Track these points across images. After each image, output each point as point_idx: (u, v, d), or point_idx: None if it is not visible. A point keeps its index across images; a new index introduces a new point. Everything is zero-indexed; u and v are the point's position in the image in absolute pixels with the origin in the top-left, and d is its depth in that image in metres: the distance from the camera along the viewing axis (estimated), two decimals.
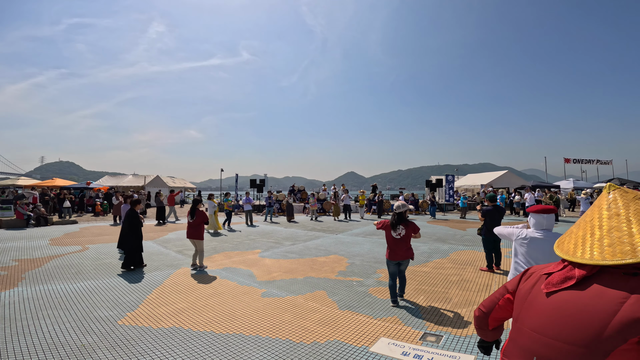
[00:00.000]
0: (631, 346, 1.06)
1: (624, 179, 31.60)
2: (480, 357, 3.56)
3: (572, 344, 1.14)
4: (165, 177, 33.21)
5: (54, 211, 18.79)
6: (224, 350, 3.72)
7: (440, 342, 3.89)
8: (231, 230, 13.40)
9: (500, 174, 27.48)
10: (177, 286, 6.01)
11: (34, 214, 14.79)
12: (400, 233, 5.15)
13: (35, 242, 10.34)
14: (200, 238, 7.32)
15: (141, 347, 3.75)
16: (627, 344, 1.05)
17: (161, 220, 15.49)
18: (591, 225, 1.30)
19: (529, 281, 1.43)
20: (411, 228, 5.22)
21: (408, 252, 5.20)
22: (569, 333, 1.15)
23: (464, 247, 9.50)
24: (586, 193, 15.00)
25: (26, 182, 26.86)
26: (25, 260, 7.91)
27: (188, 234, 7.44)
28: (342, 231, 13.12)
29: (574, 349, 1.13)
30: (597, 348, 1.09)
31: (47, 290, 5.69)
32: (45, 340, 3.88)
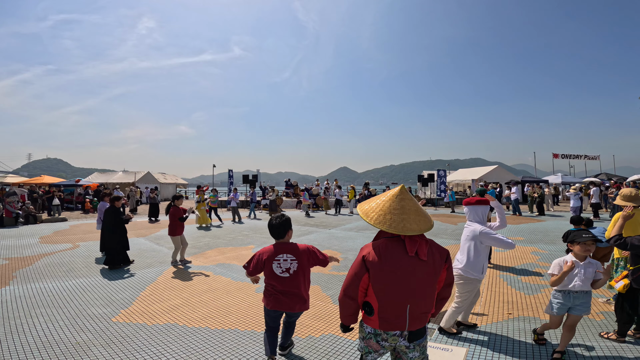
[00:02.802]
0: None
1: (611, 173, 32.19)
2: (472, 350, 3.64)
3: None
4: (156, 174, 32.92)
5: (42, 209, 18.54)
6: (219, 345, 3.75)
7: (432, 335, 3.97)
8: (217, 227, 13.35)
9: (490, 168, 27.78)
10: (170, 283, 6.01)
11: (22, 212, 14.58)
12: None
13: (25, 240, 10.21)
14: (171, 234, 7.37)
15: (136, 344, 3.76)
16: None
17: (153, 217, 15.39)
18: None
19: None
20: None
21: None
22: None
23: (456, 242, 9.63)
24: (575, 188, 15.26)
25: (14, 180, 26.41)
26: (15, 258, 7.82)
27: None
28: (335, 226, 13.18)
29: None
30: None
31: (39, 289, 5.65)
32: (40, 339, 3.87)
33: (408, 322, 2.13)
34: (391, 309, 2.13)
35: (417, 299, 2.13)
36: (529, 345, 3.67)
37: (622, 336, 3.69)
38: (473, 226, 3.86)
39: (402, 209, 2.17)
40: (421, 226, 2.13)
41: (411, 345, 2.18)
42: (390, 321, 2.14)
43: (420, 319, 2.17)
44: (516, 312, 4.58)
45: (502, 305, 4.87)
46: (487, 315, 4.53)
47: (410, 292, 2.11)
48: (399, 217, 2.14)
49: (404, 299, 2.11)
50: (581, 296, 3.32)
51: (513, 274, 6.35)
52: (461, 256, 3.90)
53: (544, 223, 13.26)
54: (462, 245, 3.94)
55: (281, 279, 3.19)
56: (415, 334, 2.18)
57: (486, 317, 4.44)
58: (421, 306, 2.15)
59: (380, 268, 2.11)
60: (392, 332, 2.17)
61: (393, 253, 2.12)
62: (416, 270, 2.11)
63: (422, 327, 2.21)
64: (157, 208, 15.65)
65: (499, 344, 3.73)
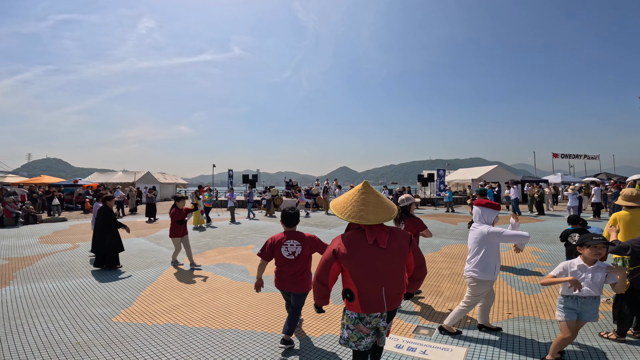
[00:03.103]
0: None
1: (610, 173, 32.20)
2: (472, 350, 3.65)
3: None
4: (156, 173, 32.90)
5: (42, 209, 18.54)
6: (219, 345, 3.75)
7: (432, 335, 3.97)
8: (213, 227, 13.27)
9: (490, 168, 27.79)
10: (170, 283, 6.01)
11: (22, 212, 14.58)
12: (402, 227, 4.98)
13: (25, 240, 10.21)
14: (170, 235, 7.28)
15: (136, 344, 3.77)
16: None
17: (151, 217, 15.36)
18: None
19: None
20: (414, 224, 4.93)
21: None
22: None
23: (455, 241, 9.64)
24: (573, 188, 15.27)
25: (13, 180, 26.41)
26: (15, 258, 7.83)
27: None
28: (335, 226, 13.19)
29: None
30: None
31: (40, 289, 5.65)
32: (40, 339, 3.87)
33: (386, 303, 2.41)
34: (369, 293, 2.39)
35: (388, 281, 2.40)
36: (529, 345, 3.68)
37: (622, 336, 3.70)
38: (480, 227, 3.83)
39: (362, 201, 2.46)
40: (378, 217, 2.41)
41: (387, 324, 2.52)
42: (370, 304, 2.39)
43: (395, 299, 2.45)
44: (516, 312, 4.58)
45: (502, 305, 4.87)
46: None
47: (381, 276, 2.38)
48: (357, 209, 2.43)
49: (377, 282, 2.39)
50: (589, 302, 3.16)
51: (513, 274, 6.36)
52: (471, 258, 3.84)
53: (543, 223, 13.26)
54: (471, 247, 3.90)
55: (288, 261, 3.69)
56: (391, 314, 2.53)
57: None
58: (394, 288, 2.43)
59: (350, 256, 2.39)
60: (374, 315, 2.43)
61: (358, 242, 2.41)
62: (380, 256, 2.39)
63: (398, 305, 2.50)
64: (155, 208, 15.63)
65: (499, 343, 3.73)
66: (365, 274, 2.37)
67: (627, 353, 3.46)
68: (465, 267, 3.92)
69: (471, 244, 3.91)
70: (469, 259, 3.90)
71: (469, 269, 3.82)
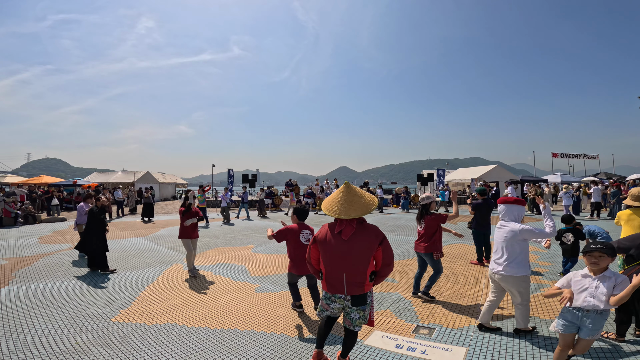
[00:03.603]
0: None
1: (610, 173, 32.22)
2: (471, 349, 3.64)
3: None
4: (155, 173, 32.87)
5: (42, 209, 18.52)
6: (219, 345, 3.75)
7: (432, 335, 3.97)
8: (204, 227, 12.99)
9: (490, 168, 27.79)
10: (170, 282, 6.01)
11: (22, 212, 14.56)
12: (422, 226, 5.11)
13: (24, 241, 10.19)
14: (180, 236, 6.69)
15: (136, 344, 3.76)
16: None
17: (148, 217, 15.30)
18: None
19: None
20: (435, 220, 5.01)
21: (428, 247, 4.97)
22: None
23: (455, 241, 9.64)
24: (567, 187, 15.34)
25: (13, 180, 26.38)
26: (14, 258, 7.81)
27: None
28: None
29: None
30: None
31: (39, 289, 5.64)
32: (39, 339, 3.86)
33: (346, 288, 2.84)
34: (331, 275, 2.90)
35: (349, 269, 2.82)
36: (528, 345, 3.67)
37: (622, 336, 3.69)
38: (510, 225, 3.78)
39: (340, 199, 2.89)
40: (349, 213, 2.81)
41: (354, 307, 2.89)
42: (333, 285, 2.90)
43: (356, 287, 2.84)
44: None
45: (502, 304, 4.86)
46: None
47: (343, 264, 2.83)
48: (331, 204, 2.90)
49: (339, 269, 2.85)
50: (592, 316, 2.82)
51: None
52: (502, 257, 3.75)
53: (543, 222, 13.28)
54: (501, 246, 3.82)
55: (305, 246, 4.35)
56: (356, 299, 2.88)
57: None
58: (354, 277, 2.83)
59: (321, 242, 2.95)
60: (338, 295, 2.91)
61: (330, 232, 2.91)
62: (340, 246, 2.83)
63: (361, 294, 2.86)
64: (152, 208, 15.55)
65: (499, 343, 3.73)
66: (328, 259, 2.89)
67: (628, 352, 3.45)
68: (492, 266, 3.85)
69: (500, 242, 3.83)
70: (497, 257, 3.82)
71: (499, 268, 3.74)
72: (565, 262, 6.19)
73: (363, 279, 2.83)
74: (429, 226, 5.03)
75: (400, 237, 10.43)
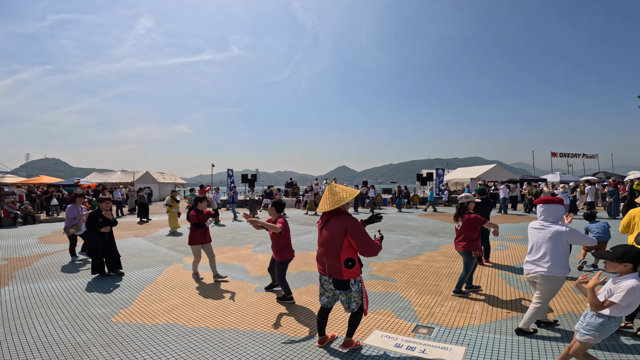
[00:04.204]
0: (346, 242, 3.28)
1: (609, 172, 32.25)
2: (470, 348, 3.66)
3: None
4: (155, 173, 32.85)
5: (41, 209, 18.50)
6: (219, 345, 3.75)
7: (432, 334, 3.98)
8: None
9: (489, 167, 27.82)
10: (170, 282, 6.01)
11: (21, 212, 14.55)
12: (459, 225, 5.22)
13: (24, 241, 10.19)
14: (189, 242, 6.23)
15: (136, 344, 3.77)
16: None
17: (143, 217, 15.13)
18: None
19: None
20: (471, 221, 5.09)
21: (464, 246, 5.06)
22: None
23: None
24: (563, 187, 15.43)
25: (12, 180, 26.34)
26: (14, 259, 7.81)
27: None
28: None
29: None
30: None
31: (39, 289, 5.65)
32: (40, 339, 3.87)
33: (327, 271, 3.40)
34: (319, 260, 3.53)
35: (327, 255, 3.37)
36: (527, 344, 3.69)
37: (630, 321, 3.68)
38: (554, 227, 3.69)
39: (324, 196, 3.49)
40: (322, 208, 3.43)
41: (337, 291, 3.41)
42: (320, 268, 3.52)
43: (334, 270, 3.34)
44: (515, 311, 4.59)
45: (501, 303, 4.88)
46: (485, 313, 4.54)
47: (324, 249, 3.42)
48: (326, 204, 3.41)
49: (322, 253, 3.44)
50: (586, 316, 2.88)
51: (512, 273, 6.37)
52: (545, 258, 3.70)
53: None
54: (540, 245, 3.76)
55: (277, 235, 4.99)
56: (337, 283, 3.37)
57: (485, 316, 4.46)
58: (331, 260, 3.35)
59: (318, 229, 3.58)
60: (324, 277, 3.49)
61: (322, 221, 3.53)
62: (322, 235, 3.46)
63: (341, 279, 3.32)
64: (146, 208, 15.39)
65: (498, 342, 3.75)
66: (318, 245, 3.52)
67: (628, 351, 3.47)
68: (530, 268, 3.81)
69: (540, 243, 3.76)
70: (537, 258, 3.76)
71: (541, 269, 3.70)
72: None
73: (338, 264, 3.30)
74: (466, 226, 5.13)
75: (399, 236, 10.43)
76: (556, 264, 3.65)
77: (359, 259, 3.45)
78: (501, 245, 8.73)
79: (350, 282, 3.33)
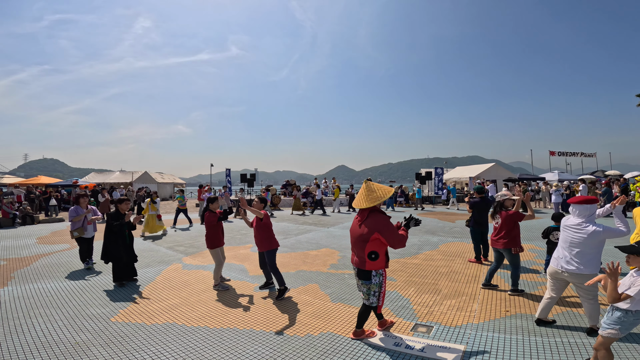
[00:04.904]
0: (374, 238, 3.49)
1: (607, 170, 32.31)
2: (469, 347, 3.67)
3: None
4: (153, 173, 32.83)
5: (40, 209, 18.48)
6: (218, 344, 3.76)
7: (430, 333, 4.00)
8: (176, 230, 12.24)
9: (487, 166, 27.84)
10: (169, 282, 6.01)
11: (19, 212, 14.53)
12: (497, 222, 5.31)
13: (23, 241, 10.18)
14: (209, 247, 5.84)
15: (135, 344, 3.77)
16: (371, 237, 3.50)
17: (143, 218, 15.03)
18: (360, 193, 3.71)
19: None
20: (510, 218, 5.18)
21: (507, 242, 5.12)
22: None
23: (453, 239, 9.68)
24: (557, 185, 15.58)
25: (10, 181, 26.30)
26: (13, 259, 7.81)
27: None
28: (334, 225, 13.20)
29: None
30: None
31: (38, 289, 5.65)
32: (39, 339, 3.87)
33: (354, 261, 3.72)
34: (352, 251, 3.79)
35: (355, 246, 3.68)
36: (526, 342, 3.70)
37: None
38: (592, 227, 3.68)
39: (359, 193, 3.73)
40: (360, 204, 3.63)
41: (361, 282, 3.67)
42: (352, 259, 3.79)
43: (359, 261, 3.62)
44: (513, 310, 4.61)
45: (499, 302, 4.90)
46: (484, 312, 4.56)
47: (353, 242, 3.70)
48: (362, 201, 3.64)
49: (352, 246, 3.73)
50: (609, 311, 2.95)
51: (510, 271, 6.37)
52: (578, 256, 3.72)
53: (539, 220, 13.31)
54: (577, 244, 3.74)
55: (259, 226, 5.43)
56: (360, 273, 3.64)
57: (483, 314, 4.47)
58: (357, 251, 3.64)
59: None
60: (354, 267, 3.75)
61: (355, 217, 3.78)
62: (354, 230, 3.70)
63: (363, 269, 3.59)
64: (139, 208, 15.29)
65: (496, 341, 3.76)
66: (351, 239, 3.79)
67: (629, 349, 3.49)
68: (560, 264, 3.81)
69: (576, 241, 3.75)
70: (570, 256, 3.76)
71: (575, 266, 3.70)
72: (548, 260, 6.20)
73: (362, 255, 3.56)
74: (507, 222, 5.20)
75: None
76: (590, 263, 3.69)
77: (387, 253, 3.68)
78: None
79: (372, 273, 3.57)
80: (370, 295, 3.63)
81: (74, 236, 7.03)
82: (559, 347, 3.57)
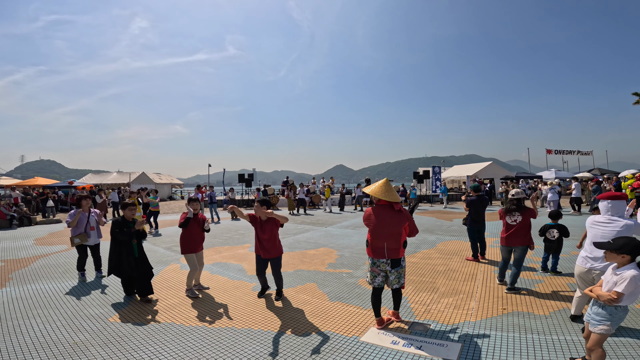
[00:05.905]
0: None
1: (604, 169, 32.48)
2: (467, 345, 3.70)
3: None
4: (151, 174, 32.80)
5: (37, 211, 18.42)
6: (216, 344, 3.77)
7: (428, 331, 4.02)
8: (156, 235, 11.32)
9: (485, 165, 27.92)
10: (167, 282, 6.02)
11: (17, 214, 14.48)
12: (516, 219, 5.28)
13: (20, 242, 10.16)
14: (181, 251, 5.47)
15: (134, 344, 3.78)
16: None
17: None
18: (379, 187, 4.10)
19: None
20: (529, 213, 5.25)
21: (524, 240, 5.19)
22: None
23: (451, 238, 9.71)
24: (551, 184, 15.70)
25: (7, 182, 26.19)
26: (11, 260, 7.79)
27: None
28: (332, 224, 13.23)
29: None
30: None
31: (36, 290, 5.64)
32: (37, 339, 3.87)
33: (387, 254, 3.94)
34: (377, 245, 3.99)
35: (389, 239, 3.93)
36: (523, 340, 3.73)
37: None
38: (624, 220, 3.68)
39: (386, 189, 4.06)
40: (388, 199, 3.96)
41: (392, 270, 3.99)
42: (377, 252, 4.00)
43: (393, 252, 3.94)
44: (510, 308, 4.64)
45: (496, 300, 4.93)
46: (481, 310, 4.59)
47: (385, 236, 3.95)
48: (376, 190, 4.05)
49: (382, 239, 3.96)
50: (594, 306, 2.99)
51: (507, 270, 6.40)
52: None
53: (537, 219, 13.40)
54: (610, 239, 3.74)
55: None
56: (394, 262, 3.97)
57: (480, 312, 4.50)
58: (392, 244, 3.93)
59: (368, 220, 4.08)
60: (382, 260, 3.99)
61: (372, 214, 4.06)
62: (382, 224, 3.96)
63: (397, 258, 3.96)
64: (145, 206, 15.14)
65: (494, 339, 3.79)
66: (374, 232, 4.01)
67: (627, 347, 3.52)
68: (590, 263, 3.72)
69: (607, 237, 3.62)
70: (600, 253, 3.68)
71: (605, 262, 3.57)
72: (546, 258, 6.24)
73: (398, 246, 3.93)
74: (524, 217, 5.25)
75: None
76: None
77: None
78: (496, 242, 8.78)
79: (402, 259, 4.02)
80: (401, 277, 4.03)
81: (75, 243, 6.17)
82: (555, 344, 3.60)
